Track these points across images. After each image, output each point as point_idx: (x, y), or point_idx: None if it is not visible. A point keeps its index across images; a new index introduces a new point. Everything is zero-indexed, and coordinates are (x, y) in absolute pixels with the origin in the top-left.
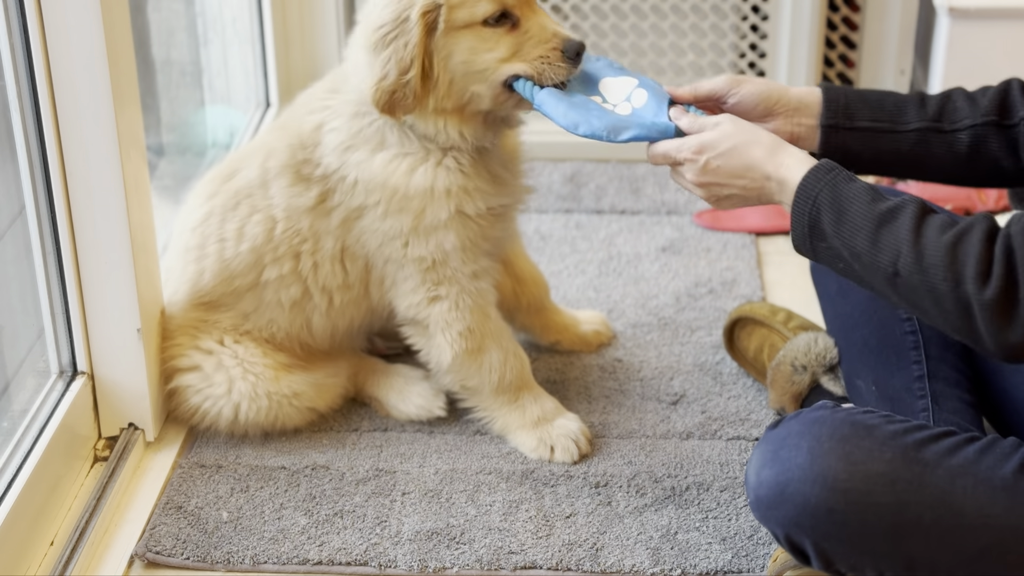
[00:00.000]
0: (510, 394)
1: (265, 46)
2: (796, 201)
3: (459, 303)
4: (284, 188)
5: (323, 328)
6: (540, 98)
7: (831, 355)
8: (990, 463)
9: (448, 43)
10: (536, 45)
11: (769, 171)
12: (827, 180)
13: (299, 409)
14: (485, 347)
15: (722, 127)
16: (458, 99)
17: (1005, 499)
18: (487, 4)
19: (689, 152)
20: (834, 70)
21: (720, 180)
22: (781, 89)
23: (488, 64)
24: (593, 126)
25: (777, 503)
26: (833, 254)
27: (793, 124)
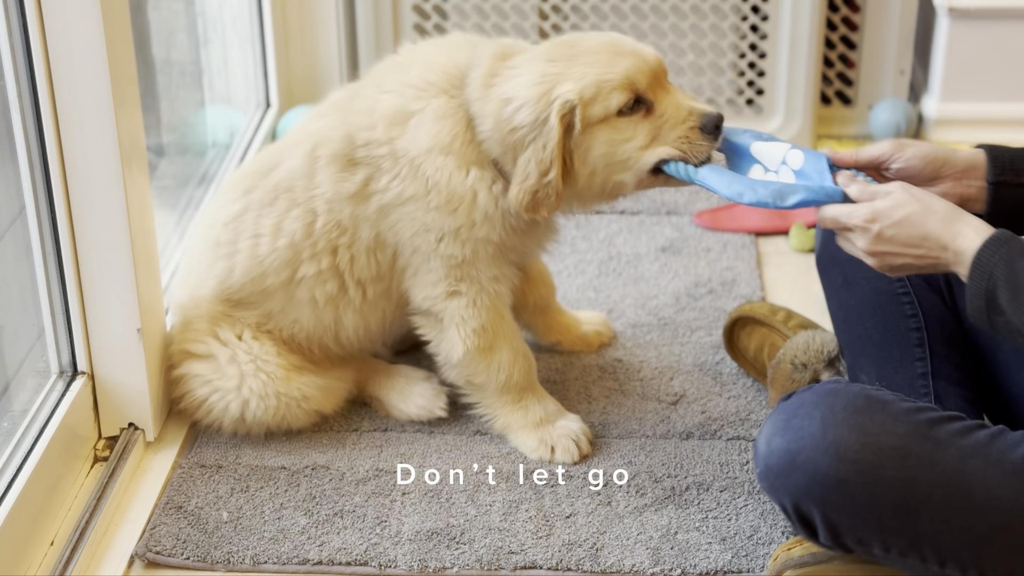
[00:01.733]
0: (514, 394)
1: (265, 46)
2: (971, 275)
3: (477, 301)
4: (332, 175)
5: (356, 324)
6: (701, 175)
7: (829, 349)
8: (1001, 447)
9: (586, 139)
10: (674, 127)
11: (946, 241)
12: (1002, 254)
13: (307, 412)
14: (496, 346)
15: (895, 195)
16: (601, 189)
17: (1015, 483)
18: (619, 95)
19: (861, 220)
20: (834, 70)
21: (894, 249)
22: (947, 152)
23: (629, 154)
24: (759, 193)
25: (787, 472)
26: (1012, 329)
27: (963, 186)
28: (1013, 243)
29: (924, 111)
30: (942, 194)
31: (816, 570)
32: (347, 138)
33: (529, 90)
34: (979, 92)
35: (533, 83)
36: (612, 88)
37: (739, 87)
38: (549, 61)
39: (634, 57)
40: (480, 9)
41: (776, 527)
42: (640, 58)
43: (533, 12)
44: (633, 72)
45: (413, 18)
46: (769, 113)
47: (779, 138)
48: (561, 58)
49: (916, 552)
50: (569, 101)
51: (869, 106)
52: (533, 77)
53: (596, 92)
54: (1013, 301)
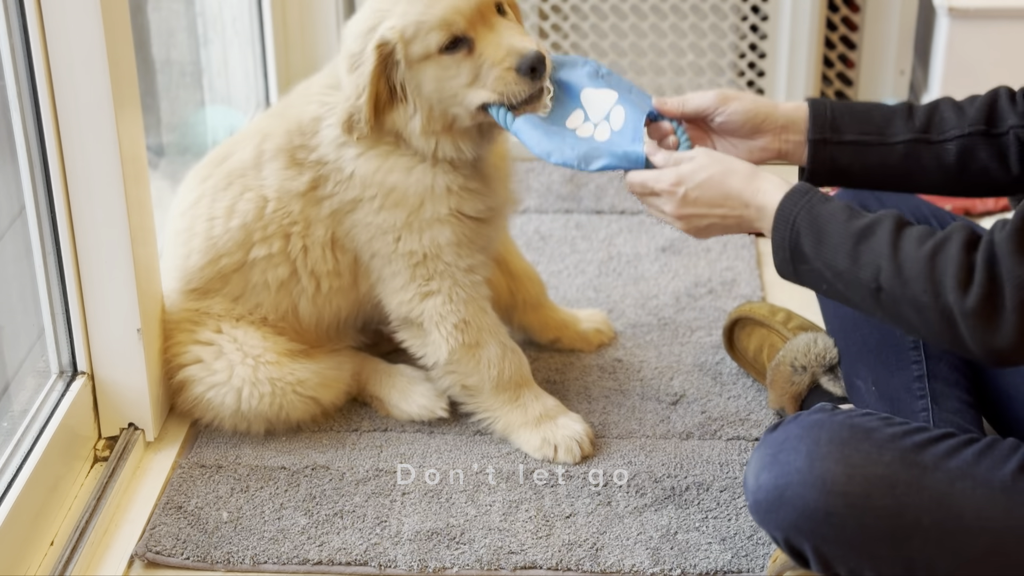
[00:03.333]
0: (510, 392)
1: (265, 46)
2: (775, 226)
3: (453, 296)
4: (278, 170)
5: (309, 314)
6: (516, 126)
7: (831, 355)
8: (989, 465)
9: (415, 75)
10: (491, 67)
11: (747, 198)
12: (803, 203)
13: (303, 398)
14: (483, 341)
15: (698, 159)
16: (443, 121)
17: (1004, 501)
18: (436, 35)
19: (667, 184)
20: (834, 70)
21: (699, 211)
22: (769, 106)
23: (455, 91)
24: (566, 155)
25: (776, 507)
26: (816, 275)
27: (781, 141)
28: (813, 192)
29: None
30: (761, 148)
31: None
32: (287, 135)
33: (360, 24)
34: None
35: (364, 18)
36: (429, 28)
37: (739, 87)
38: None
39: None
40: None
41: None
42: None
43: (533, 12)
44: (451, 12)
45: None
46: None
47: (617, 77)
48: None
49: None
50: (384, 37)
51: None
52: (366, 12)
53: (415, 31)
54: (817, 245)
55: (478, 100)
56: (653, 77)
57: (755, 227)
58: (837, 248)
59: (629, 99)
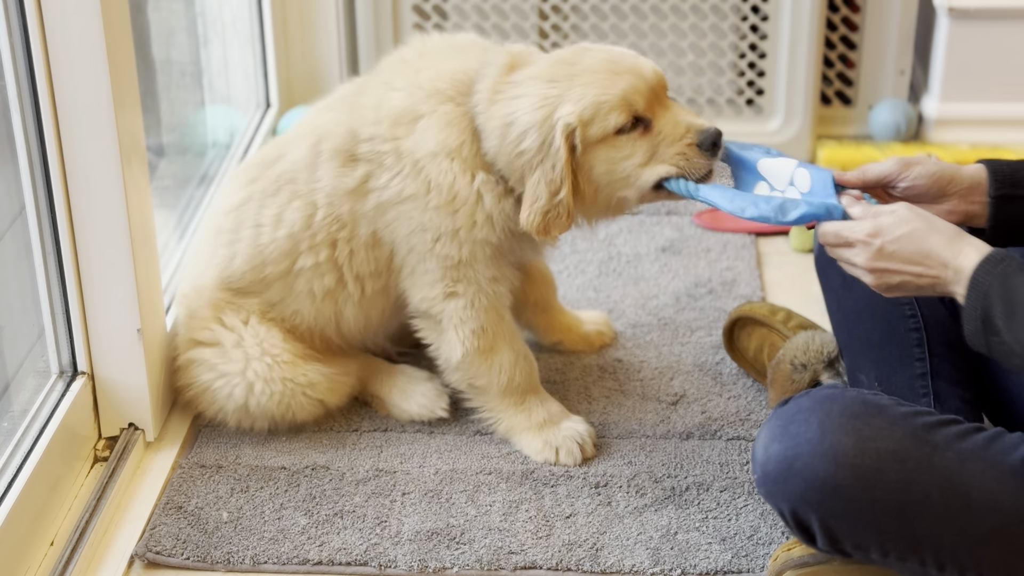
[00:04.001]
0: (517, 396)
1: (265, 46)
2: (968, 294)
3: (475, 302)
4: (333, 170)
5: (355, 318)
6: (703, 192)
7: (829, 350)
8: (999, 449)
9: (588, 159)
10: (671, 144)
11: (947, 259)
12: (998, 272)
13: (311, 400)
14: (497, 348)
15: (899, 212)
16: (606, 205)
17: (1013, 485)
18: (617, 115)
19: (863, 235)
20: (834, 70)
21: (893, 266)
22: (953, 169)
23: (629, 171)
24: (761, 209)
25: (785, 477)
26: (1007, 350)
27: (968, 203)
28: (1008, 261)
29: (924, 111)
30: (948, 211)
31: (816, 571)
32: (351, 133)
33: (532, 114)
34: (979, 92)
35: (535, 107)
36: (610, 109)
37: (739, 87)
38: (549, 82)
39: (632, 75)
40: (480, 9)
41: (776, 527)
42: (638, 76)
43: (533, 12)
44: (630, 92)
45: (413, 18)
46: (769, 113)
47: (787, 154)
48: (561, 78)
49: (915, 556)
50: (570, 124)
51: (869, 106)
52: (535, 100)
53: (595, 113)
54: (1007, 319)
55: (655, 177)
56: None
57: (950, 290)
58: None
59: (808, 165)
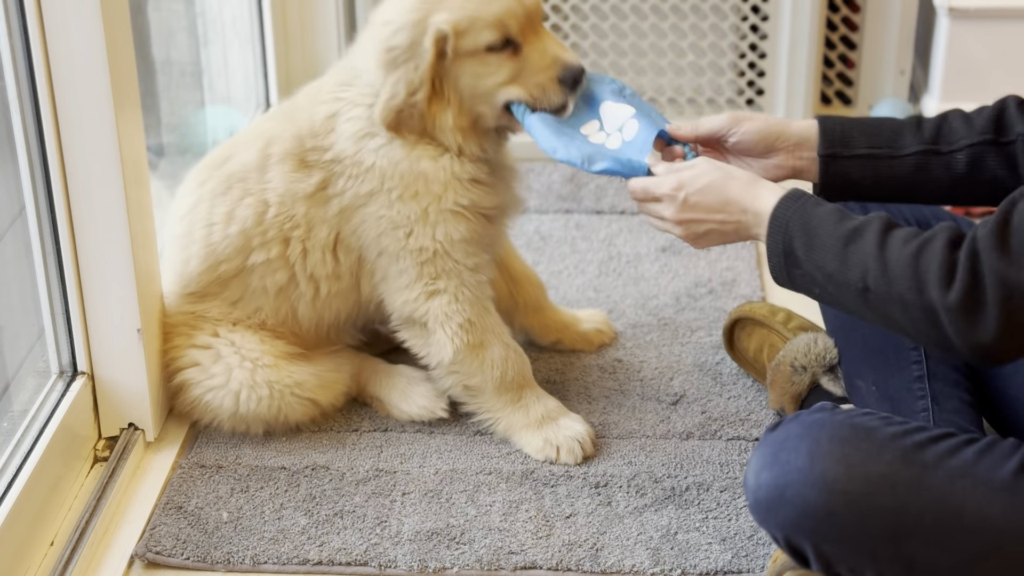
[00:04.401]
0: (512, 393)
1: (265, 46)
2: (770, 231)
3: (459, 296)
4: (284, 174)
5: (308, 318)
6: (529, 121)
7: (831, 355)
8: (989, 464)
9: (455, 68)
10: (535, 72)
11: (746, 204)
12: (797, 207)
13: (301, 400)
14: (486, 342)
15: (698, 166)
16: (469, 117)
17: (1004, 500)
18: (489, 32)
19: (668, 188)
20: (834, 70)
21: (698, 216)
22: (781, 124)
23: (489, 88)
24: (571, 153)
25: (776, 506)
26: (808, 279)
27: (795, 158)
28: (806, 197)
29: (924, 111)
30: (776, 166)
31: (816, 574)
32: (297, 138)
33: (407, 15)
34: (979, 92)
35: (411, 8)
36: (484, 25)
37: (739, 87)
38: None
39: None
40: None
41: None
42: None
43: None
44: (506, 14)
45: None
46: (769, 113)
47: (639, 99)
48: None
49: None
50: (442, 30)
51: (869, 106)
52: (409, 3)
53: (469, 25)
54: (808, 248)
55: (507, 98)
56: (653, 77)
57: (752, 233)
58: (827, 250)
59: (645, 117)
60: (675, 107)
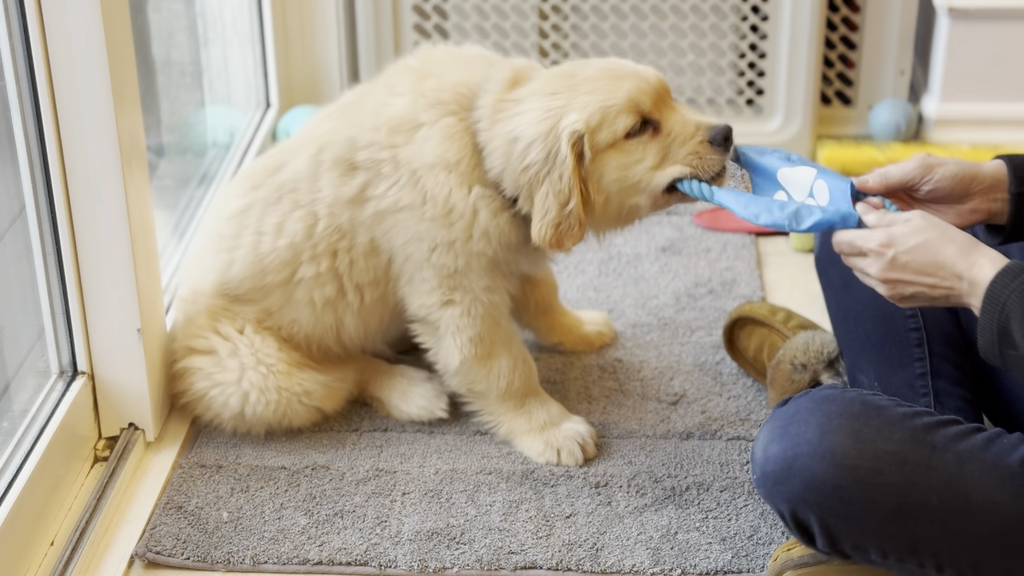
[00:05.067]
0: (516, 400)
1: (265, 46)
2: (984, 307)
3: (471, 310)
4: (333, 180)
5: (356, 327)
6: (720, 196)
7: (829, 350)
8: (998, 451)
9: (598, 167)
10: (683, 143)
11: (961, 270)
12: (1015, 285)
13: (307, 408)
14: (495, 354)
15: (913, 222)
16: (617, 214)
17: (1012, 486)
18: (625, 117)
19: (876, 244)
20: (834, 70)
21: (907, 277)
22: (975, 168)
23: (641, 175)
24: (775, 216)
25: (784, 478)
26: (1022, 364)
27: (990, 201)
28: None
29: (924, 111)
30: (971, 210)
31: (816, 571)
32: (350, 141)
33: (536, 127)
34: (979, 92)
35: (539, 119)
36: (617, 112)
37: (739, 87)
38: (552, 94)
39: (636, 79)
40: (480, 9)
41: (776, 527)
42: (642, 79)
43: (533, 12)
44: (636, 94)
45: (413, 18)
46: (769, 113)
47: (806, 160)
48: (563, 89)
49: (914, 557)
50: (576, 131)
51: (869, 106)
52: (538, 114)
53: (602, 118)
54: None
55: (668, 178)
56: None
57: (964, 301)
58: None
59: (828, 175)
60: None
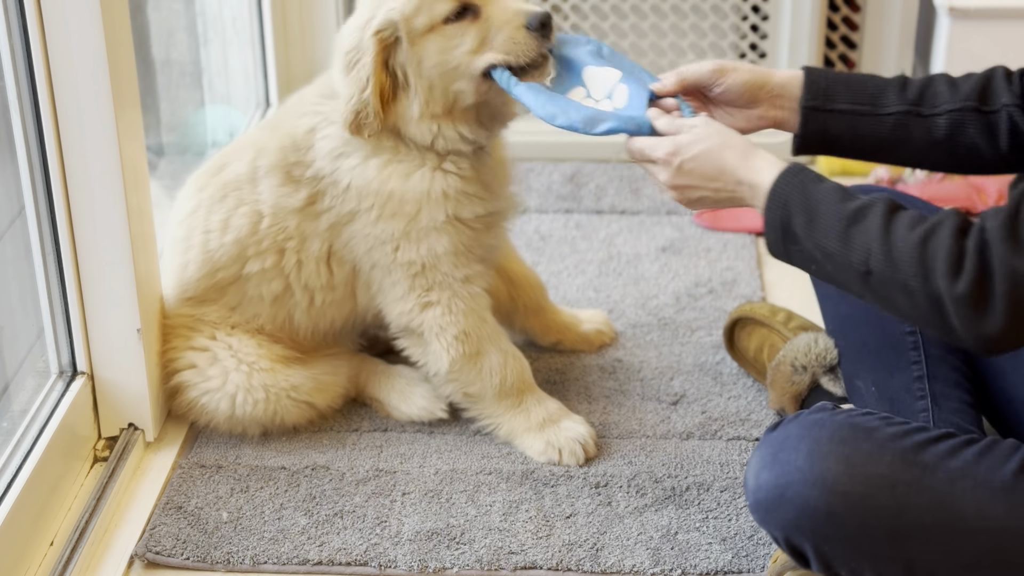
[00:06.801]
0: (513, 398)
1: (265, 46)
2: (767, 206)
3: (452, 307)
4: (273, 187)
5: (304, 325)
6: (519, 91)
7: (831, 355)
8: (989, 465)
9: (417, 51)
10: (500, 29)
11: (741, 175)
12: (796, 182)
13: (297, 403)
14: (483, 350)
15: (696, 130)
16: (444, 101)
17: (1004, 501)
18: (444, 3)
19: (663, 153)
20: None
21: (692, 183)
22: (766, 74)
23: (459, 59)
24: (571, 118)
25: (776, 506)
26: (806, 256)
27: (777, 108)
28: (806, 172)
29: None
30: (759, 116)
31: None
32: (282, 150)
33: (355, 20)
34: None
35: (359, 14)
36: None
37: None
38: None
39: None
40: None
41: None
42: None
43: None
44: None
45: None
46: None
47: (620, 56)
48: None
49: None
50: (388, 19)
51: None
52: (361, 9)
53: (419, 3)
54: (807, 226)
55: (484, 63)
56: None
57: (747, 203)
58: (828, 230)
59: (632, 78)
60: None
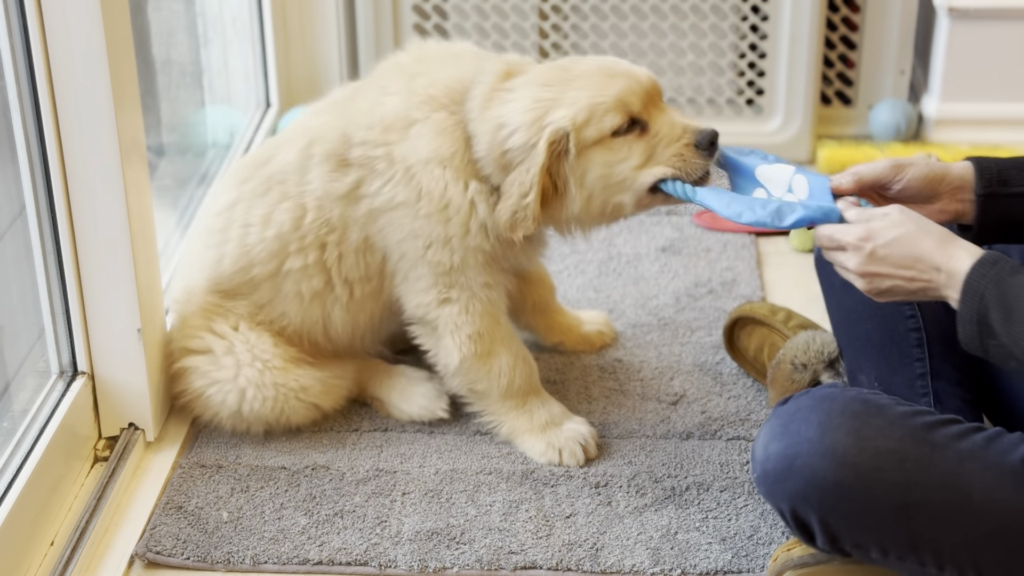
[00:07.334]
0: (518, 399)
1: (265, 46)
2: (963, 297)
3: (469, 308)
4: (324, 174)
5: (343, 322)
6: (701, 195)
7: (830, 350)
8: (999, 450)
9: (583, 162)
10: (668, 145)
11: (939, 262)
12: (992, 274)
13: (305, 404)
14: (495, 352)
15: (891, 216)
16: (600, 211)
17: (1013, 484)
18: (613, 116)
19: (855, 238)
20: (834, 70)
21: (883, 270)
22: (943, 169)
23: (626, 174)
24: (757, 214)
25: (784, 476)
26: (1004, 352)
27: (956, 201)
28: (1003, 263)
29: (924, 111)
30: (939, 210)
31: (816, 571)
32: (343, 137)
33: (523, 115)
34: (979, 92)
35: (527, 108)
36: (605, 110)
37: (739, 87)
38: (544, 86)
39: (627, 79)
40: (480, 9)
41: (776, 527)
42: (633, 79)
43: (533, 12)
44: (626, 93)
45: (413, 18)
46: (769, 113)
47: (784, 160)
48: (555, 82)
49: (914, 555)
50: (561, 128)
51: (869, 106)
52: (527, 103)
53: (589, 115)
54: (1005, 322)
55: (652, 178)
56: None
57: (942, 294)
58: None
59: (806, 171)
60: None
